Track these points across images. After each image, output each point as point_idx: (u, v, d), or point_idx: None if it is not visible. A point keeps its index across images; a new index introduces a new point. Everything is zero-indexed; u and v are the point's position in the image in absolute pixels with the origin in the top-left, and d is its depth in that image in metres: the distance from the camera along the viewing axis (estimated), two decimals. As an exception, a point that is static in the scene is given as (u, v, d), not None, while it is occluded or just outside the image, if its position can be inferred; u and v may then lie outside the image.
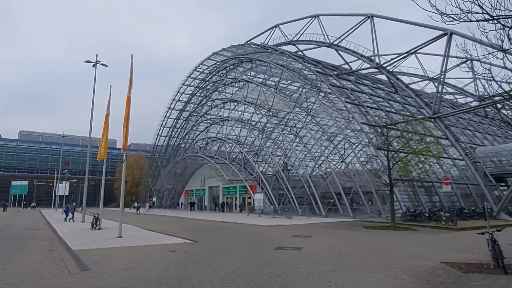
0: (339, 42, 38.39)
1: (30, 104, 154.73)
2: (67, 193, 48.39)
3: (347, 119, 34.53)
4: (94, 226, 19.61)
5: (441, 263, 8.83)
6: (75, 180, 58.52)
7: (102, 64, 28.17)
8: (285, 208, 33.62)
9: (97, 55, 27.81)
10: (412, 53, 33.87)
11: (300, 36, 42.87)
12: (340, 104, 34.43)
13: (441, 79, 30.83)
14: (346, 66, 40.66)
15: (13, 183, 77.16)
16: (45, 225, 24.02)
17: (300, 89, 41.05)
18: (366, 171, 30.60)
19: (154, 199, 61.71)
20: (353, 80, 38.47)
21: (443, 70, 29.77)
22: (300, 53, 43.74)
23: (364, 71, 40.09)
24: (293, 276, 7.54)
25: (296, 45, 44.51)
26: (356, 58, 37.70)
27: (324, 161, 38.11)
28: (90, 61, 27.75)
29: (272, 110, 42.76)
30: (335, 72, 38.53)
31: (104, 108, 22.97)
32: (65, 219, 26.27)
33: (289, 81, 44.13)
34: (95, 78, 27.39)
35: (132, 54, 17.09)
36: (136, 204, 45.58)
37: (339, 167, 39.36)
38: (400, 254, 10.56)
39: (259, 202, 34.52)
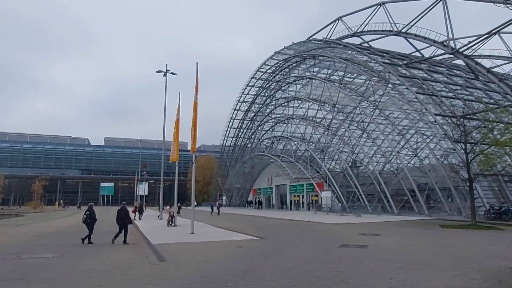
0: (408, 29, 35.98)
1: (114, 114, 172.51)
2: (146, 193, 52.68)
3: (420, 111, 32.46)
4: (170, 223, 21.34)
5: (523, 264, 8.06)
6: (152, 181, 63.43)
7: (172, 73, 30.38)
8: (354, 206, 32.75)
9: (167, 64, 30.31)
10: (495, 33, 30.32)
11: (365, 27, 40.95)
12: (411, 96, 32.53)
13: (530, 60, 27.42)
14: (417, 54, 38.14)
15: (101, 184, 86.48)
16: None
17: (367, 82, 39.53)
18: (442, 166, 28.51)
19: (224, 198, 64.29)
20: (425, 69, 35.92)
21: (532, 50, 26.44)
22: (365, 44, 41.95)
23: (437, 58, 37.13)
24: (355, 272, 7.55)
25: (361, 36, 42.63)
26: (428, 45, 35.04)
27: (395, 157, 36.28)
28: (161, 71, 30.10)
29: (337, 106, 41.88)
30: (404, 62, 36.33)
31: (175, 114, 24.81)
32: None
33: (354, 75, 42.71)
34: (165, 86, 29.78)
35: (197, 63, 18.03)
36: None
37: (411, 162, 37.10)
38: (476, 254, 9.82)
39: (327, 200, 34.11)
